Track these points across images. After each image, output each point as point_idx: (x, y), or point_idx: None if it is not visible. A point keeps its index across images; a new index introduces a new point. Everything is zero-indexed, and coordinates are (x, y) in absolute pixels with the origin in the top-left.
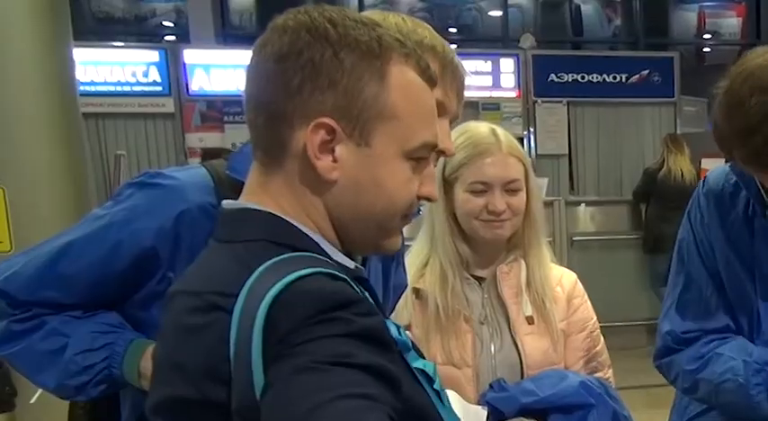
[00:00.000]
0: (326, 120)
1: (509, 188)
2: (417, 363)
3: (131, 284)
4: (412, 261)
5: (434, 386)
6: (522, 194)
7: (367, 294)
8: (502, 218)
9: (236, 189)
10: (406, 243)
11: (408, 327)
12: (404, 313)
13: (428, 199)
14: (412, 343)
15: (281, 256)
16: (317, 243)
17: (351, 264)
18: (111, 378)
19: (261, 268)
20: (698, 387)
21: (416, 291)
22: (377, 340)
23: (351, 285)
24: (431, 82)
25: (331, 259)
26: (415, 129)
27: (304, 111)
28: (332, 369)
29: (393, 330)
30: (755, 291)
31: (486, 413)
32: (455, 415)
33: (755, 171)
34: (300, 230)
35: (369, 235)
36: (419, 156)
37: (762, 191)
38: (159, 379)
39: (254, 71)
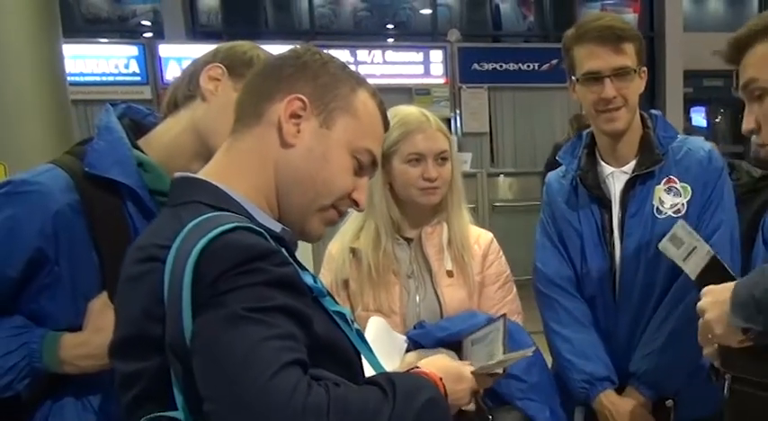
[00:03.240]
0: (303, 96)
1: (440, 158)
2: (336, 307)
3: (26, 282)
4: (348, 226)
5: (353, 326)
6: (449, 165)
7: (284, 250)
8: (435, 185)
9: (94, 183)
10: None
11: (346, 282)
12: (343, 269)
13: (356, 203)
14: (327, 290)
15: (209, 214)
16: (242, 206)
17: (276, 226)
18: (33, 371)
19: (191, 224)
20: None
21: (353, 251)
22: (290, 286)
23: (268, 239)
24: (386, 123)
25: (255, 221)
26: (366, 134)
27: (287, 89)
28: (255, 316)
29: (309, 279)
30: (580, 227)
31: (405, 341)
32: (370, 349)
33: None
34: (229, 195)
35: (305, 203)
36: (360, 160)
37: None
38: (116, 324)
39: (258, 68)
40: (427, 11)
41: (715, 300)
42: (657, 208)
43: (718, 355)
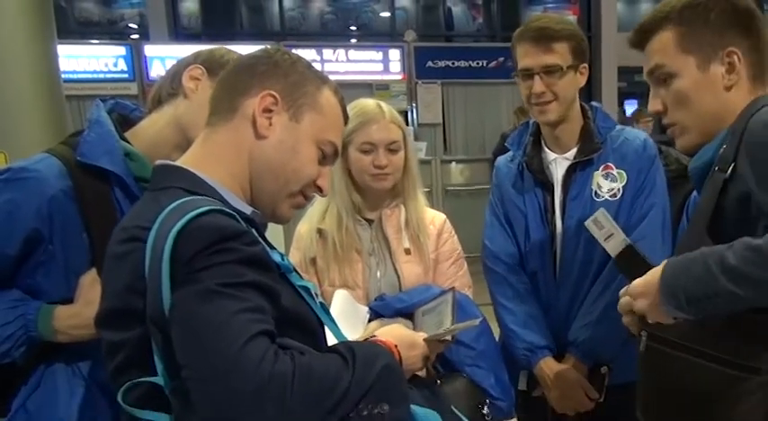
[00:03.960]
0: (275, 93)
1: (390, 148)
2: (301, 282)
3: (22, 259)
4: (315, 208)
5: (317, 299)
6: (402, 154)
7: (254, 231)
8: (385, 172)
9: (85, 171)
10: None
11: (314, 259)
12: (311, 248)
13: (320, 189)
14: (293, 266)
15: (186, 198)
16: (217, 191)
17: (247, 209)
18: (29, 340)
19: (169, 207)
20: None
21: (319, 231)
22: (259, 263)
23: (239, 221)
24: (345, 117)
25: (229, 205)
26: (329, 128)
27: (260, 86)
28: (227, 291)
29: (277, 257)
30: (524, 206)
31: (368, 313)
32: (332, 320)
33: None
34: (205, 181)
35: (276, 189)
36: (324, 151)
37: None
38: (102, 297)
39: (231, 65)
40: (386, 14)
41: (645, 290)
42: (596, 192)
43: (637, 320)
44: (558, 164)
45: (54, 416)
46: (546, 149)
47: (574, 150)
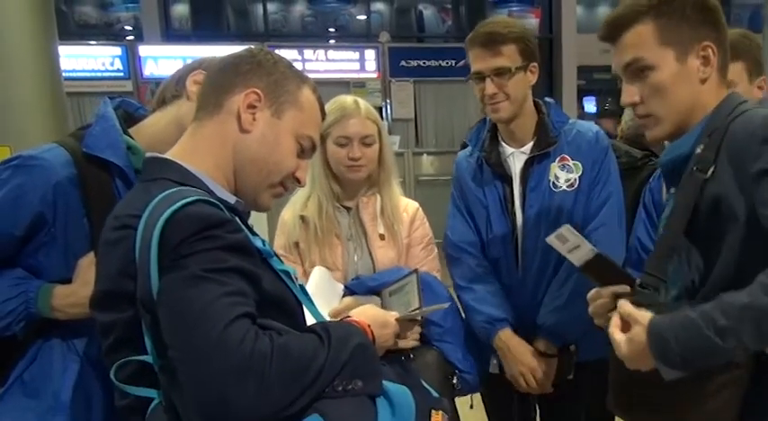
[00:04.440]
0: (258, 90)
1: (365, 142)
2: (281, 266)
3: (26, 240)
4: (298, 196)
5: (296, 282)
6: (376, 147)
7: (237, 219)
8: (359, 163)
9: (90, 161)
10: None
11: (297, 243)
12: (294, 233)
13: (298, 180)
14: (274, 252)
15: (174, 189)
16: (203, 182)
17: (231, 198)
18: (29, 316)
19: (158, 197)
20: None
21: (302, 218)
22: (242, 250)
23: (223, 210)
24: (322, 114)
25: (214, 195)
26: (308, 123)
27: (245, 84)
28: (211, 276)
29: (259, 243)
30: (485, 199)
31: (342, 289)
32: (311, 301)
33: None
34: (192, 173)
35: (258, 180)
36: (303, 145)
37: (486, 145)
38: (95, 280)
39: (218, 64)
40: (362, 17)
41: (635, 354)
42: (553, 183)
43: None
44: (516, 157)
45: (48, 388)
46: (503, 144)
47: (530, 144)
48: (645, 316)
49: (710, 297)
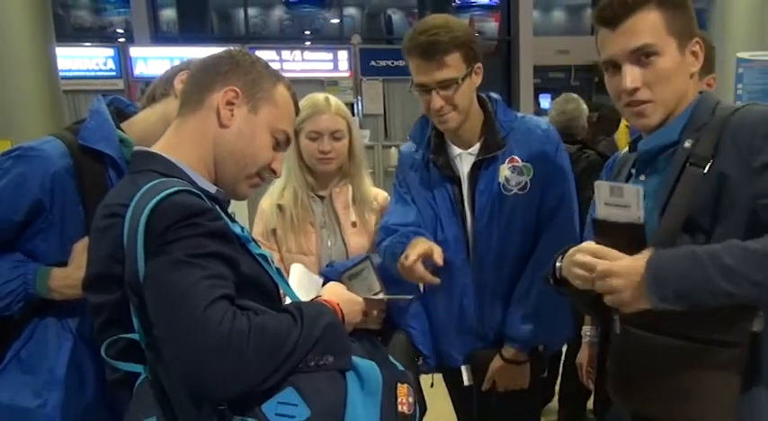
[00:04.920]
0: (236, 88)
1: (334, 136)
2: (259, 251)
3: (25, 226)
4: (275, 186)
5: (273, 265)
6: (345, 141)
7: (218, 207)
8: (329, 156)
9: (85, 153)
10: None
11: (274, 230)
12: (271, 220)
13: (274, 172)
14: (252, 237)
15: (159, 180)
16: (187, 174)
17: (212, 188)
18: (27, 296)
19: (144, 187)
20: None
21: (279, 206)
22: (222, 236)
23: (204, 200)
24: (296, 110)
25: (196, 185)
26: (282, 119)
27: (224, 82)
28: (193, 260)
29: (237, 230)
30: (435, 204)
31: (321, 281)
32: (287, 283)
33: None
34: (176, 165)
35: (236, 171)
36: (278, 139)
37: (431, 147)
38: (87, 264)
39: (200, 64)
40: (336, 20)
41: (627, 276)
42: (504, 185)
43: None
44: (464, 159)
45: (44, 364)
46: (450, 144)
47: (477, 145)
48: (642, 254)
49: None
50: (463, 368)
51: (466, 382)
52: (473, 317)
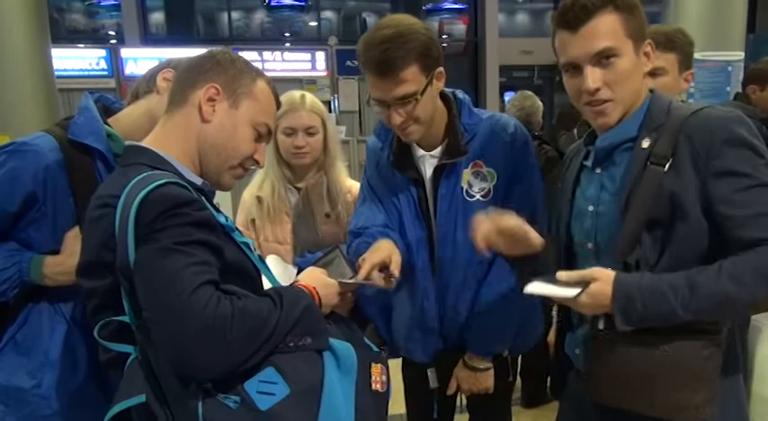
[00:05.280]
0: (217, 85)
1: (309, 132)
2: (242, 239)
3: (19, 217)
4: (256, 179)
5: (255, 252)
6: (319, 136)
7: (203, 198)
8: (303, 151)
9: (74, 147)
10: None
11: (254, 220)
12: (251, 211)
13: (257, 162)
14: (236, 227)
15: (148, 172)
16: (174, 167)
17: (198, 180)
18: (22, 283)
19: (135, 180)
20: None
21: (258, 198)
22: (207, 225)
23: (190, 191)
24: (278, 104)
25: (183, 177)
26: (263, 112)
27: (206, 80)
28: (180, 248)
29: (222, 219)
30: (398, 201)
31: (296, 270)
32: (268, 269)
33: None
34: (164, 158)
35: (219, 163)
36: (259, 131)
37: (394, 147)
38: (81, 252)
39: (185, 64)
40: (314, 23)
41: (596, 298)
42: (467, 191)
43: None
44: (427, 161)
45: (40, 347)
46: (414, 145)
47: (440, 148)
48: (605, 271)
49: None
50: (429, 371)
51: (432, 385)
52: (434, 318)
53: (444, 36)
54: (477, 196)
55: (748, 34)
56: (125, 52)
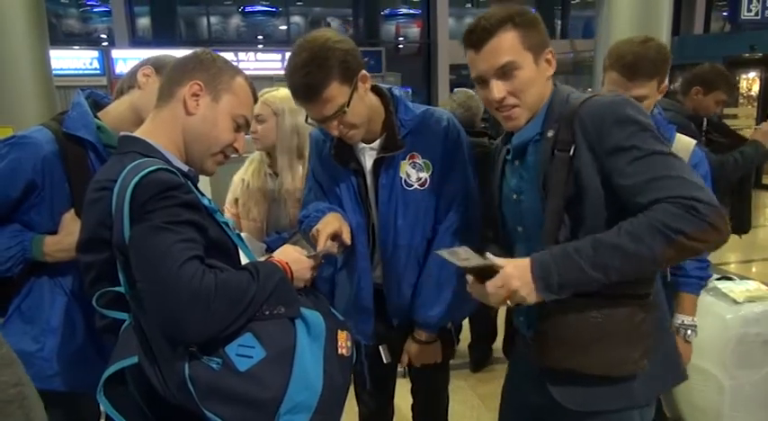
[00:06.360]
0: (200, 82)
1: (258, 119)
2: (223, 219)
3: (21, 201)
4: (244, 167)
5: (234, 231)
6: (268, 125)
7: (189, 183)
8: (255, 137)
9: (69, 139)
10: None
11: (237, 199)
12: (236, 191)
13: (236, 150)
14: (217, 208)
15: (141, 160)
16: (164, 155)
17: (184, 167)
18: (25, 260)
19: (129, 166)
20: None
21: (243, 180)
22: (193, 206)
23: (178, 176)
24: (255, 98)
25: (171, 164)
26: (241, 105)
27: (190, 77)
28: (169, 227)
29: (206, 202)
30: (339, 190)
31: (264, 247)
32: (246, 246)
33: None
34: (154, 147)
35: (202, 150)
36: (238, 122)
37: (335, 140)
38: (80, 230)
39: (173, 63)
40: (284, 27)
41: (520, 271)
42: (405, 180)
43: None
44: (367, 153)
45: (42, 315)
46: None
47: (379, 141)
48: (522, 259)
49: None
50: (381, 348)
51: (385, 360)
52: (368, 298)
53: (401, 38)
54: (415, 185)
55: (673, 36)
56: (115, 53)
